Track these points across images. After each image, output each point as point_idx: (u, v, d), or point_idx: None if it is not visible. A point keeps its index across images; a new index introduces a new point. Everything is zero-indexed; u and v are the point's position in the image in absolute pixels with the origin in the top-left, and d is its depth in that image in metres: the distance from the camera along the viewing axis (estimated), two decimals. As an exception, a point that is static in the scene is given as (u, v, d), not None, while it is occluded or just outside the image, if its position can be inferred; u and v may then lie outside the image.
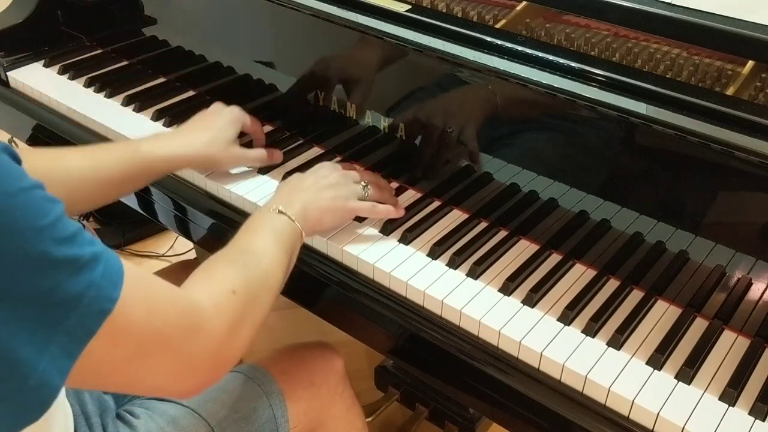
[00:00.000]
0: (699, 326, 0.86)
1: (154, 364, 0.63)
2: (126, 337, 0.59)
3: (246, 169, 1.09)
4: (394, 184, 1.07)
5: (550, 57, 0.89)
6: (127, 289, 0.58)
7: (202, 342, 0.66)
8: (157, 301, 0.62)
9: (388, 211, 0.98)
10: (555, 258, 0.95)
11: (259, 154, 1.07)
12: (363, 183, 0.97)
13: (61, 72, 1.34)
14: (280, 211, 0.86)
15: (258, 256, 0.78)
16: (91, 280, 0.55)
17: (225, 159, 1.03)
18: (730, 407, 0.76)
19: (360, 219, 0.99)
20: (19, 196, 0.52)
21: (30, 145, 1.33)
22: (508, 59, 0.91)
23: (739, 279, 0.86)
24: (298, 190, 0.92)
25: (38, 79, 1.31)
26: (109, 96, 1.28)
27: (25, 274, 0.51)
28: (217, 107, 1.07)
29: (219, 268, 0.75)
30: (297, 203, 0.89)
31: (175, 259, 2.03)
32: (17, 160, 0.54)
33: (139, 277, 0.61)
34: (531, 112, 0.94)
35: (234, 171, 1.08)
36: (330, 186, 0.93)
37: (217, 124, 1.03)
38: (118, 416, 0.88)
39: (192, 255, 2.00)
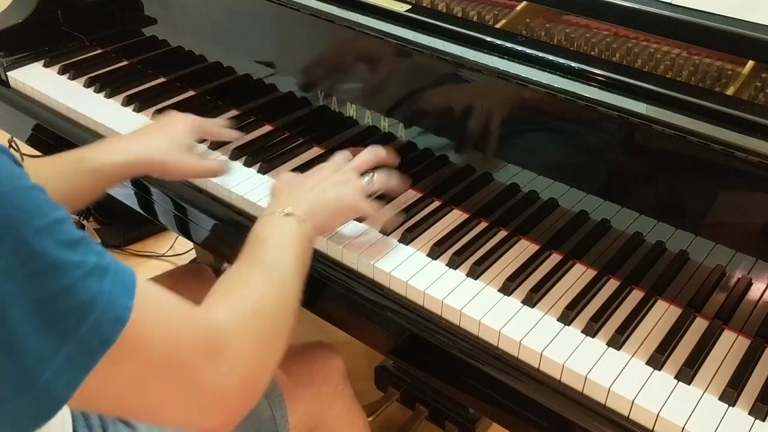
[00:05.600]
0: (699, 326, 0.86)
1: (171, 391, 0.59)
2: (137, 356, 0.55)
3: (246, 169, 1.09)
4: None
5: (550, 57, 0.89)
6: (140, 303, 0.55)
7: (223, 370, 0.61)
8: (173, 320, 0.59)
9: (387, 216, 0.95)
10: (555, 258, 0.95)
11: (212, 166, 1.02)
12: (370, 174, 0.91)
13: (61, 72, 1.34)
14: (287, 214, 0.81)
15: (273, 268, 0.74)
16: (100, 288, 0.53)
17: (178, 168, 0.97)
18: (730, 407, 0.76)
19: (360, 219, 0.98)
20: (12, 194, 0.50)
21: (30, 145, 1.34)
22: (508, 59, 0.91)
23: (739, 279, 0.86)
24: (301, 191, 0.87)
25: (38, 79, 1.31)
26: (109, 96, 1.28)
27: (32, 275, 0.50)
28: (173, 114, 1.03)
29: (235, 286, 0.70)
30: (303, 203, 0.83)
31: (175, 259, 2.04)
32: (17, 162, 0.53)
33: (153, 292, 0.58)
34: (531, 112, 0.94)
35: (234, 171, 1.08)
36: (334, 185, 0.88)
37: (173, 131, 0.98)
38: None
39: (192, 255, 2.00)
